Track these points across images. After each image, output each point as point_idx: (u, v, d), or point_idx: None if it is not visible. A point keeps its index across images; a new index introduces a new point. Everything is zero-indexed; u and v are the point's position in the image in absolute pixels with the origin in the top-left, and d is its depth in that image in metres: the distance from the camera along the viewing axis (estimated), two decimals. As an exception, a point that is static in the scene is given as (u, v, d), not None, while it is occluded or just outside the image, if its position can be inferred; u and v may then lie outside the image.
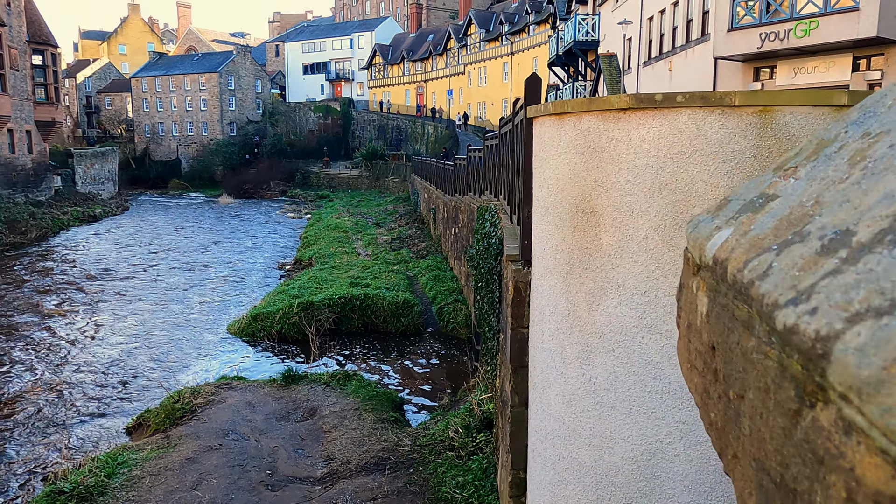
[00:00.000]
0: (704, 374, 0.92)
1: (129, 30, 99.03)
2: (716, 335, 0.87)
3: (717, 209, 1.04)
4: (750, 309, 0.78)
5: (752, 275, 0.79)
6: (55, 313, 18.96)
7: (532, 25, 45.93)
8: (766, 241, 0.83)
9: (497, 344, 7.94)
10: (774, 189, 0.96)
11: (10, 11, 39.68)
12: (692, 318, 0.98)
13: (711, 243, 0.93)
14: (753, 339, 0.77)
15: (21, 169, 40.71)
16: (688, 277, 1.02)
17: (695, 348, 0.97)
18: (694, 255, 0.99)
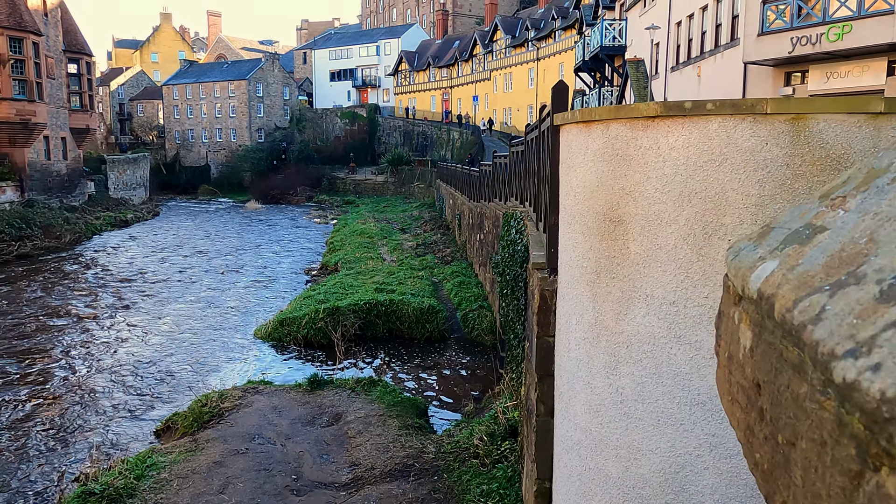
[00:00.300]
0: (748, 410, 0.89)
1: (161, 38, 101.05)
2: (761, 373, 0.84)
3: (760, 237, 1.00)
4: (801, 353, 0.74)
5: (803, 317, 0.75)
6: (88, 316, 19.35)
7: (558, 31, 45.79)
8: (817, 279, 0.79)
9: (522, 351, 7.90)
10: (822, 220, 0.91)
11: (47, 22, 40.76)
12: (734, 349, 0.94)
13: (755, 276, 0.89)
14: (806, 385, 0.73)
15: (56, 175, 41.70)
16: (728, 306, 0.98)
17: (737, 382, 0.93)
18: (735, 284, 0.95)
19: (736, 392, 0.93)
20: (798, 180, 3.32)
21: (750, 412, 0.87)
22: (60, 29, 43.35)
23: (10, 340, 16.57)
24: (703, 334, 3.58)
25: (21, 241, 30.33)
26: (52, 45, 41.56)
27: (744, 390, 0.89)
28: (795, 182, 3.33)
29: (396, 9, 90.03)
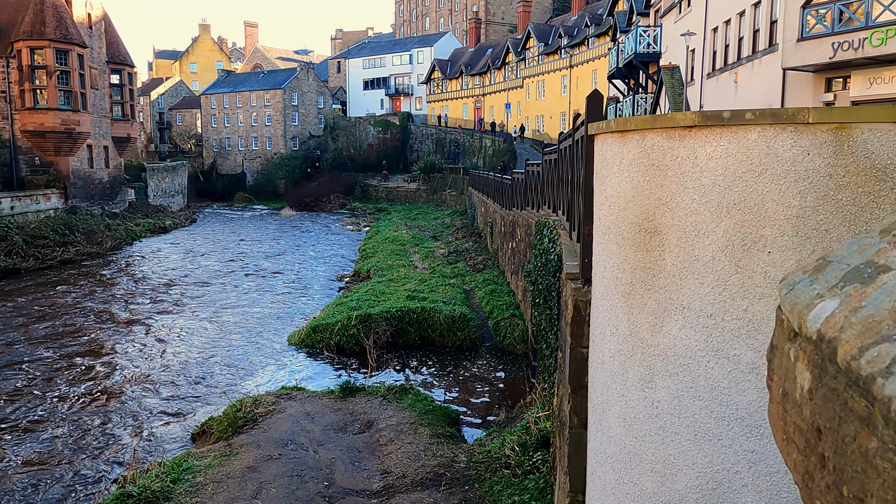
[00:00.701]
0: (807, 454, 0.84)
1: (200, 49, 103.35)
2: (822, 418, 0.80)
3: (816, 271, 0.95)
4: (870, 406, 0.70)
5: (871, 368, 0.71)
6: (126, 320, 19.81)
7: (591, 38, 45.53)
8: (884, 325, 0.74)
9: (555, 361, 7.83)
10: (885, 258, 0.86)
11: (91, 34, 42.03)
12: (789, 388, 0.90)
13: (814, 314, 0.84)
14: (875, 440, 0.69)
15: (98, 182, 42.88)
16: (782, 341, 0.94)
17: (793, 422, 0.89)
18: (790, 319, 0.91)
19: (792, 432, 0.88)
20: (842, 191, 3.24)
21: (809, 456, 0.83)
22: (104, 41, 44.66)
23: (51, 343, 17.04)
24: (742, 348, 3.50)
25: (64, 247, 31.22)
26: (96, 56, 42.84)
27: (801, 432, 0.85)
28: (839, 193, 3.25)
29: (429, 18, 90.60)
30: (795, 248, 3.37)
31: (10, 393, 13.36)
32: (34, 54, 35.91)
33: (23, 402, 12.88)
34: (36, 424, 11.75)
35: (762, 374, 3.47)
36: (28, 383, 13.95)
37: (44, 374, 14.55)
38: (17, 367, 15.04)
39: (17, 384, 13.88)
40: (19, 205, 32.69)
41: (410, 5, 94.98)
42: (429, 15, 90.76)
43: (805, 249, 3.36)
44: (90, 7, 42.12)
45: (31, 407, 12.62)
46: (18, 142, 37.05)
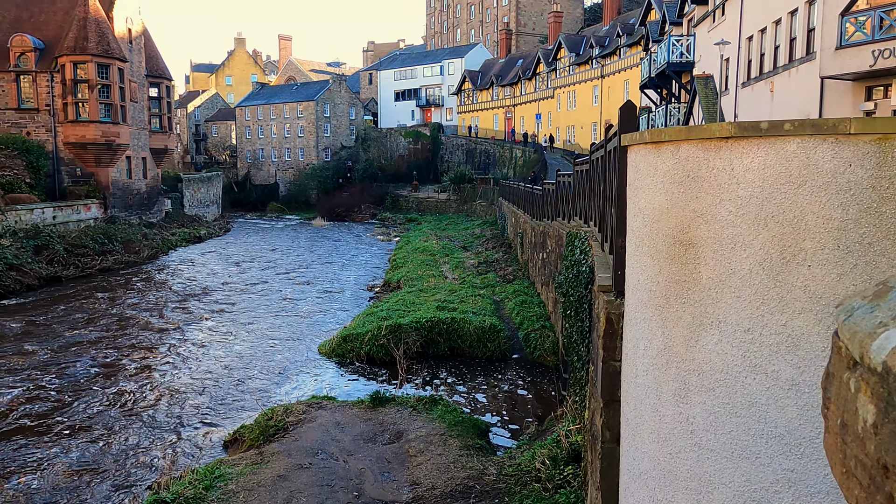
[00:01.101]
0: (871, 492, 0.79)
1: (235, 62, 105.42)
2: (891, 456, 0.75)
3: (876, 297, 0.91)
4: None
5: None
6: (161, 328, 20.18)
7: (623, 48, 45.26)
8: None
9: (586, 374, 7.74)
10: None
11: (131, 49, 43.19)
12: (849, 419, 0.85)
13: (878, 345, 0.79)
14: None
15: (136, 193, 43.91)
16: (840, 369, 0.90)
17: (854, 455, 0.84)
18: (850, 348, 0.87)
19: (853, 466, 0.84)
20: (886, 204, 3.15)
21: (875, 495, 0.78)
22: (143, 55, 45.87)
23: (88, 350, 17.44)
24: (781, 364, 3.42)
25: (103, 256, 31.99)
26: (136, 70, 43.99)
27: (865, 468, 0.81)
28: (883, 206, 3.16)
29: (460, 29, 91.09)
30: (837, 261, 3.29)
31: (49, 398, 13.69)
32: (77, 69, 37.03)
33: (60, 407, 13.19)
34: (73, 430, 12.01)
35: (802, 391, 3.38)
36: (66, 389, 14.28)
37: (81, 381, 14.88)
38: (56, 373, 15.42)
39: (56, 390, 14.22)
40: (61, 215, 33.64)
41: (441, 17, 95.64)
42: (460, 26, 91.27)
43: (847, 263, 3.27)
44: (131, 23, 43.32)
45: (68, 413, 12.90)
46: (61, 153, 38.18)
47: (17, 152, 34.02)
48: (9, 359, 16.49)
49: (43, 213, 31.92)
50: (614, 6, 54.50)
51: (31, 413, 12.83)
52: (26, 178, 33.51)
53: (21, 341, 18.24)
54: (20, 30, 38.35)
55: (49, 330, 19.56)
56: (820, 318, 3.32)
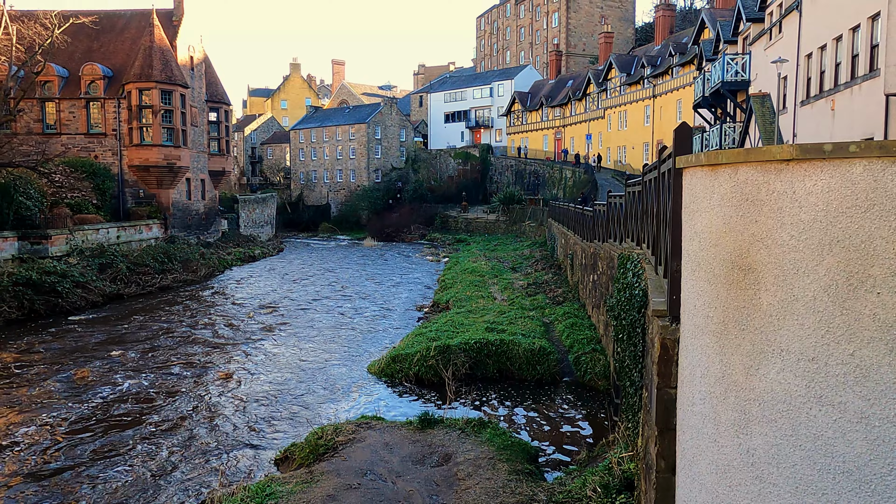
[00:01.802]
0: None
1: (290, 87, 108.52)
2: None
3: None
4: None
5: None
6: (217, 345, 20.69)
7: (676, 67, 44.67)
8: None
9: (639, 400, 7.56)
10: None
11: (193, 75, 44.97)
12: None
13: None
14: None
15: (195, 213, 45.40)
16: None
17: None
18: None
19: None
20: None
21: None
22: (204, 81, 47.70)
23: (146, 365, 18.00)
24: (849, 395, 3.27)
25: (163, 274, 33.10)
26: (197, 95, 45.76)
27: None
28: (958, 231, 3.01)
29: (510, 51, 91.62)
30: (909, 289, 3.14)
31: (106, 413, 14.15)
32: (142, 95, 38.75)
33: (117, 422, 13.61)
34: (127, 444, 12.37)
35: (872, 425, 3.22)
36: (122, 405, 14.74)
37: (137, 397, 15.35)
38: (113, 388, 15.95)
39: (113, 405, 14.70)
40: (124, 234, 35.03)
41: (491, 40, 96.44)
42: (509, 48, 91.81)
43: (920, 291, 3.12)
44: (193, 51, 45.17)
45: (124, 427, 13.30)
46: (126, 175, 39.89)
47: (85, 175, 35.70)
48: (75, 371, 17.15)
49: (108, 232, 33.30)
50: (666, 26, 53.94)
51: (88, 426, 13.28)
52: (93, 200, 35.07)
53: (84, 357, 18.97)
54: (91, 59, 40.45)
55: (110, 347, 20.29)
56: (891, 347, 3.17)
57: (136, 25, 42.00)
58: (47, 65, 36.02)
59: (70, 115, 40.08)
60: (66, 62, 39.81)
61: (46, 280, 25.17)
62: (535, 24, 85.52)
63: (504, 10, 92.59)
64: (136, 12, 43.07)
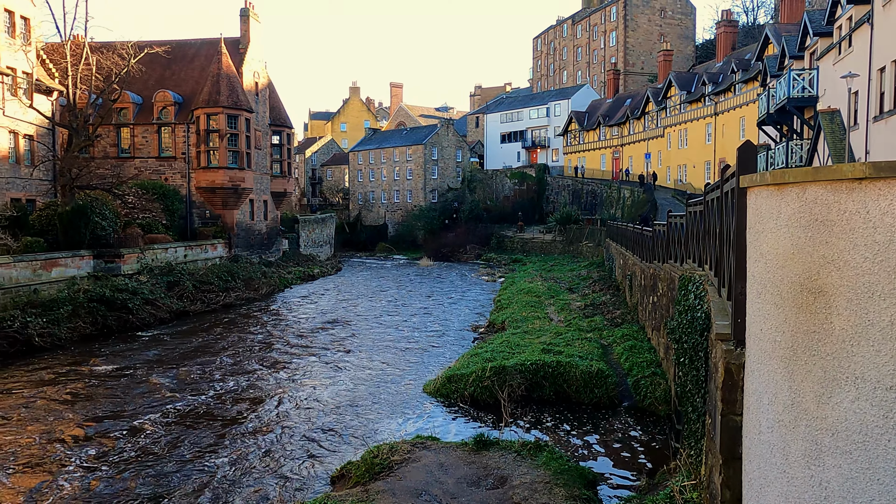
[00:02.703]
0: None
1: (350, 109, 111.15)
2: None
3: None
4: None
5: None
6: (276, 362, 21.14)
7: (738, 84, 43.59)
8: None
9: (702, 427, 7.31)
10: None
11: (257, 100, 46.60)
12: None
13: None
14: None
15: (257, 233, 46.75)
16: None
17: None
18: None
19: None
20: None
21: None
22: (268, 105, 49.36)
23: (207, 380, 18.53)
24: (931, 427, 3.08)
25: (226, 292, 34.14)
26: (261, 119, 47.37)
27: None
28: None
29: (567, 71, 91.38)
30: None
31: (167, 427, 14.61)
32: (210, 120, 40.41)
33: (176, 436, 14.03)
34: (185, 458, 12.72)
35: (958, 460, 3.02)
36: (182, 419, 15.20)
37: (198, 411, 15.80)
38: (179, 401, 16.47)
39: (173, 419, 15.17)
40: (191, 253, 36.38)
41: (548, 60, 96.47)
42: (566, 68, 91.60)
43: None
44: (257, 76, 46.88)
45: (182, 441, 13.69)
46: (193, 197, 41.52)
47: (155, 196, 37.37)
48: (148, 384, 17.83)
49: (176, 251, 34.66)
50: (728, 42, 52.80)
51: (154, 435, 13.73)
52: (163, 220, 36.63)
53: (155, 370, 19.69)
54: (163, 86, 42.50)
55: (178, 360, 21.00)
56: (977, 377, 2.98)
57: (206, 54, 43.94)
58: (123, 92, 38.03)
59: (143, 140, 42.11)
60: (141, 90, 41.92)
61: (118, 297, 26.32)
62: (592, 44, 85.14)
63: (561, 30, 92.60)
64: (206, 41, 45.09)
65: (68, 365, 20.17)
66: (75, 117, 31.21)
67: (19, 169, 32.66)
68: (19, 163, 32.74)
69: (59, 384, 17.98)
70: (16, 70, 32.19)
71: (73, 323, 23.65)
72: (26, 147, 33.50)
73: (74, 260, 27.27)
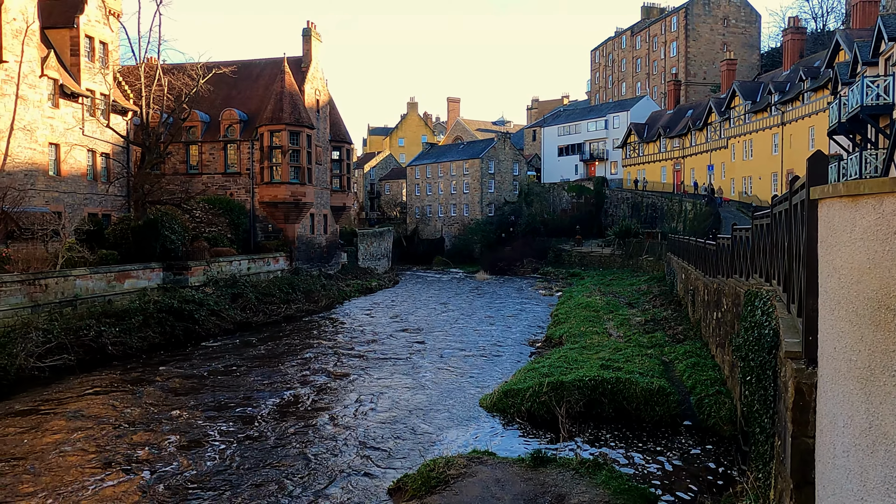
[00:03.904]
0: None
1: (407, 125, 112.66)
2: None
3: None
4: None
5: None
6: (334, 374, 21.46)
7: (807, 93, 42.01)
8: None
9: (771, 449, 7.01)
10: None
11: (318, 116, 47.78)
12: None
13: None
14: None
15: (317, 247, 47.74)
16: None
17: None
18: None
19: None
20: None
21: None
22: (328, 122, 50.55)
23: (268, 390, 18.94)
24: None
25: (287, 304, 34.93)
26: (321, 136, 48.52)
27: None
28: None
29: (626, 83, 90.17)
30: None
31: (227, 435, 14.99)
32: (273, 136, 41.66)
33: (236, 444, 14.37)
34: (244, 468, 13.00)
35: None
36: (241, 429, 15.56)
37: (258, 420, 16.16)
38: (238, 409, 16.90)
39: (234, 427, 15.55)
40: (254, 266, 37.44)
41: (606, 72, 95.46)
42: (625, 80, 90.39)
43: None
44: (318, 94, 48.10)
45: (240, 450, 14.02)
46: (256, 211, 42.80)
47: (221, 211, 38.69)
48: (213, 393, 18.39)
49: (240, 264, 35.73)
50: (796, 50, 51.03)
51: (215, 443, 14.11)
52: (228, 234, 37.86)
53: (219, 379, 20.30)
54: (229, 105, 44.13)
55: (242, 370, 21.59)
56: None
57: (269, 73, 45.40)
58: (192, 111, 39.68)
59: (210, 157, 43.76)
60: (208, 108, 43.63)
61: (186, 308, 27.29)
62: (651, 55, 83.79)
63: (619, 41, 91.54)
64: (270, 61, 46.60)
65: (140, 373, 21.01)
66: (148, 136, 32.72)
67: (96, 185, 34.42)
68: (96, 179, 34.52)
69: (131, 391, 18.74)
70: (94, 92, 34.04)
71: (143, 332, 24.62)
72: (103, 165, 35.31)
73: (145, 272, 28.46)
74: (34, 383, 19.03)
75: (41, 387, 18.84)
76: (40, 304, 22.21)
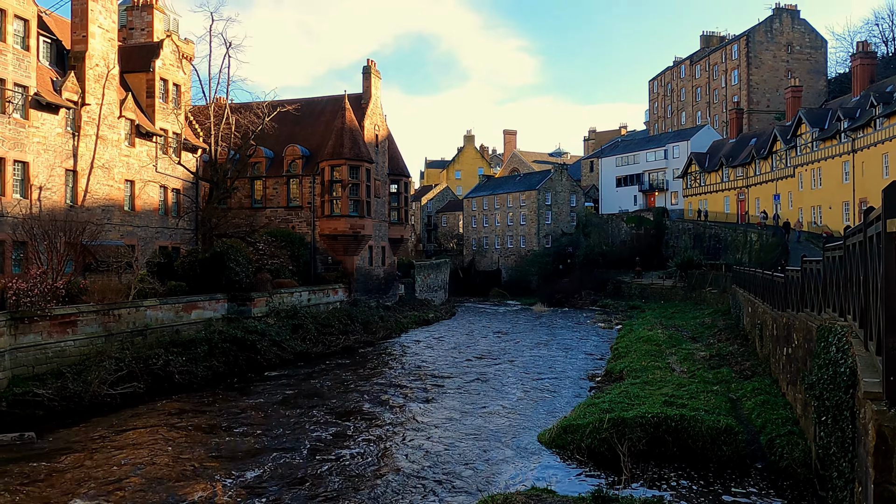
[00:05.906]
0: None
1: (464, 157, 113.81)
2: None
3: None
4: None
5: None
6: (393, 405, 21.51)
7: (879, 119, 40.39)
8: None
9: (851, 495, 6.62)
10: None
11: (377, 151, 48.86)
12: None
13: None
14: None
15: (375, 278, 48.36)
16: None
17: None
18: None
19: None
20: None
21: None
22: (387, 156, 51.62)
23: (327, 422, 19.12)
24: None
25: (346, 335, 35.38)
26: (380, 169, 49.53)
27: None
28: None
29: (685, 112, 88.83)
30: None
31: (288, 466, 15.15)
32: (333, 171, 42.79)
33: (295, 474, 14.50)
34: (300, 496, 13.08)
35: None
36: (304, 460, 15.71)
37: (317, 450, 16.29)
38: (305, 438, 17.09)
39: (296, 458, 15.72)
40: (314, 297, 38.17)
41: (665, 102, 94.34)
42: (684, 109, 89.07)
43: None
44: (378, 129, 49.27)
45: (300, 481, 14.13)
46: (317, 244, 43.81)
47: (283, 243, 39.78)
48: (276, 422, 18.72)
49: (301, 295, 36.51)
50: (866, 75, 49.31)
51: (276, 471, 14.29)
52: (289, 265, 38.83)
53: (281, 409, 20.65)
54: (293, 141, 45.67)
55: (302, 401, 21.91)
56: None
57: (331, 110, 46.84)
58: (258, 148, 41.22)
59: (273, 191, 45.23)
60: (273, 145, 45.26)
61: (249, 338, 27.99)
62: (712, 84, 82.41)
63: (678, 71, 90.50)
64: (331, 98, 48.14)
65: (206, 401, 21.60)
66: (216, 172, 34.15)
67: (167, 219, 36.03)
68: (167, 214, 36.15)
69: (197, 419, 19.25)
70: (167, 131, 35.89)
71: (208, 362, 25.34)
72: (173, 200, 37.00)
73: (211, 303, 29.42)
74: (106, 409, 19.80)
75: (112, 413, 19.58)
76: (113, 333, 23.22)
